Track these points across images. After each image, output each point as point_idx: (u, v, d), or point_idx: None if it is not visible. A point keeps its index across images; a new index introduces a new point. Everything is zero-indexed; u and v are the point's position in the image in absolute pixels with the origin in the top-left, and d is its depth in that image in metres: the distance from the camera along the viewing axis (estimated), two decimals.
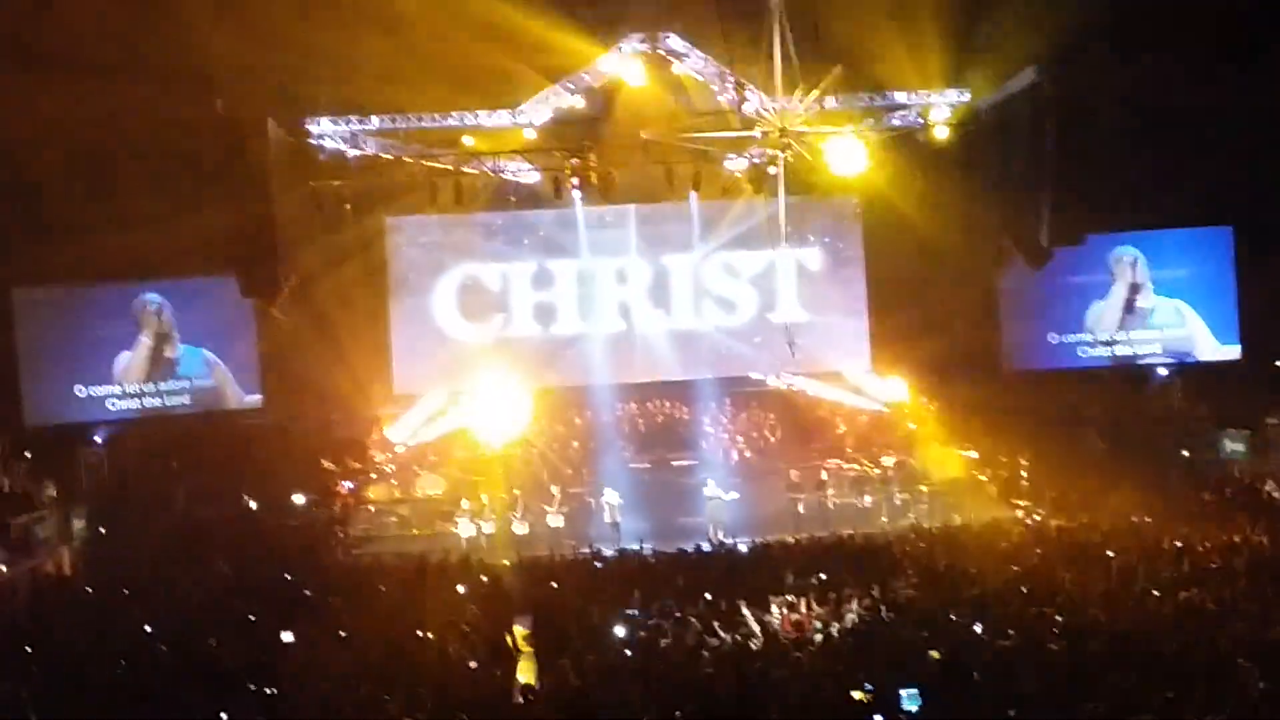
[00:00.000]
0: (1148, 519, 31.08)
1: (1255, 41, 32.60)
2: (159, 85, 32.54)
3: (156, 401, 37.78)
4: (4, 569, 30.43)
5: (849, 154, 28.71)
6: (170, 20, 31.82)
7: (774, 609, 22.87)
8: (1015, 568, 25.48)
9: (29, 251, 34.64)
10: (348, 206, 38.30)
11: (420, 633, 22.21)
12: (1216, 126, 33.84)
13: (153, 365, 37.66)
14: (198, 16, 32.19)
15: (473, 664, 19.93)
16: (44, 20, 31.38)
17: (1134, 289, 39.11)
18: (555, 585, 26.68)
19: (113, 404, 37.56)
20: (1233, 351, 38.81)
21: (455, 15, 33.38)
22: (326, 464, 38.34)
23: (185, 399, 37.93)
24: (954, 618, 20.64)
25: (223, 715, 17.35)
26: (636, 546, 31.95)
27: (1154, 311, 39.16)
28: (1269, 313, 37.38)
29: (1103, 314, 39.30)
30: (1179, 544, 26.96)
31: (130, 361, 37.54)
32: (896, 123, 37.20)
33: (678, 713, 16.51)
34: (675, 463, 39.18)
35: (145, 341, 37.51)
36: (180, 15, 31.95)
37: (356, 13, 33.66)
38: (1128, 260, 39.09)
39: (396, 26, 33.81)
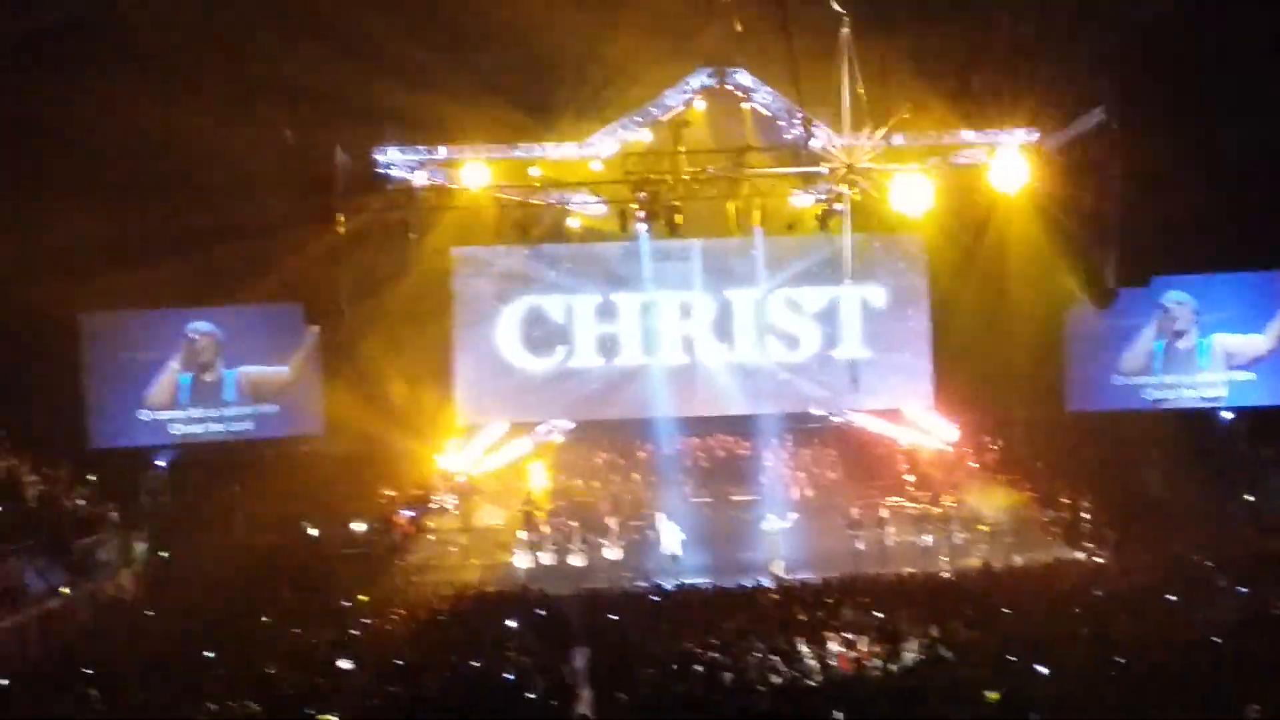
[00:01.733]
0: (1209, 563, 30.88)
1: None
2: (230, 111, 32.86)
3: (220, 427, 37.95)
4: (66, 590, 30.59)
5: (915, 191, 28.75)
6: (242, 46, 32.07)
7: (832, 646, 22.80)
8: (1076, 609, 25.34)
9: (96, 276, 34.89)
10: (413, 235, 38.46)
11: (477, 663, 22.23)
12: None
13: (194, 392, 37.82)
14: (270, 44, 32.38)
15: (530, 695, 19.92)
16: (114, 41, 31.64)
17: (1178, 334, 38.84)
18: (614, 617, 26.66)
19: (176, 429, 37.74)
20: None
21: (524, 47, 33.58)
22: (387, 492, 38.41)
23: (249, 424, 38.07)
24: (1012, 658, 20.54)
25: None
26: (696, 581, 31.95)
27: (1209, 354, 38.88)
28: None
29: (1152, 354, 39.06)
30: (1242, 589, 26.75)
31: (155, 387, 37.77)
32: (963, 161, 37.10)
33: None
34: (735, 498, 39.03)
35: (174, 367, 37.64)
36: (252, 42, 32.18)
37: (426, 43, 33.79)
38: (1175, 306, 38.80)
39: (466, 56, 33.98)
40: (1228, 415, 39.11)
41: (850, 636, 23.36)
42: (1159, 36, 32.59)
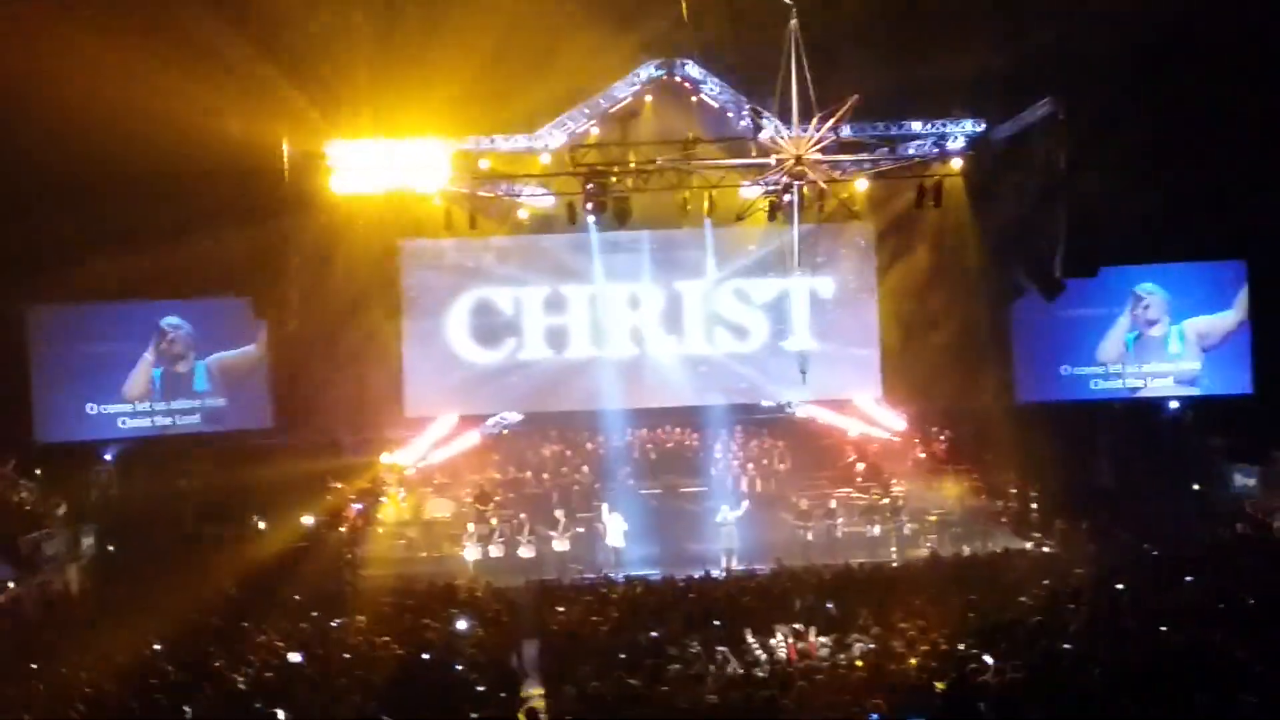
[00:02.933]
0: (1156, 553, 31.03)
1: (1273, 73, 32.55)
2: (175, 104, 32.66)
3: (167, 420, 37.93)
4: (12, 585, 30.46)
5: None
6: (193, 37, 31.93)
7: (781, 637, 22.83)
8: (1024, 599, 25.42)
9: (41, 269, 34.76)
10: (361, 228, 38.34)
11: (426, 655, 22.19)
12: (1232, 159, 33.85)
13: (164, 383, 37.76)
14: (215, 38, 32.26)
15: (480, 687, 19.90)
16: (63, 30, 31.47)
17: (1148, 323, 39.08)
18: (562, 610, 26.67)
19: (123, 422, 37.71)
20: (1244, 385, 38.80)
21: (472, 39, 33.47)
22: (335, 485, 38.32)
23: (196, 418, 38.09)
24: (960, 648, 20.59)
25: None
26: (645, 572, 31.99)
27: (1166, 344, 39.16)
28: None
29: (1109, 345, 39.31)
30: (1189, 578, 26.88)
31: (131, 379, 37.69)
32: (911, 152, 37.16)
33: None
34: (684, 489, 39.07)
35: (148, 359, 37.57)
36: (202, 33, 32.05)
37: (372, 35, 33.72)
38: (1147, 295, 39.06)
39: (412, 50, 33.88)
40: (1175, 405, 39.38)
41: (798, 627, 23.41)
42: (1107, 25, 32.68)
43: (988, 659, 19.49)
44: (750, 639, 22.54)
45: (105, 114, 31.99)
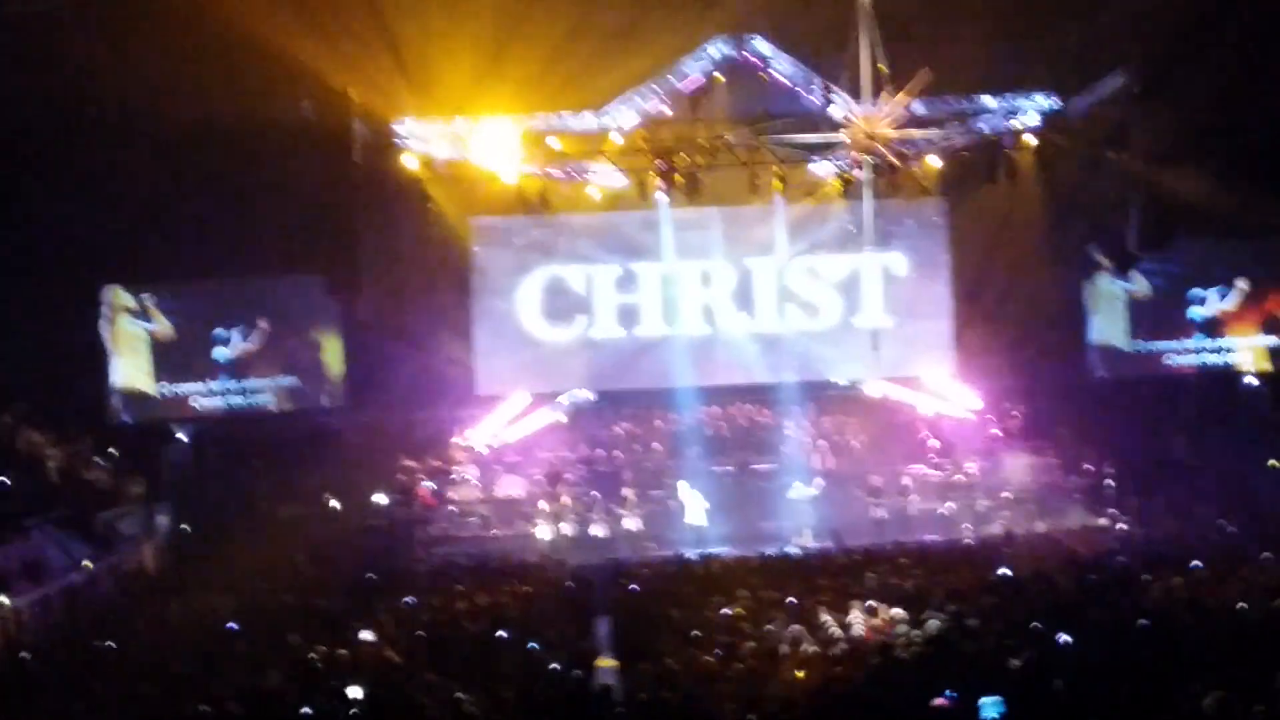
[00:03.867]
0: (1233, 529, 30.81)
1: None
2: (248, 83, 32.82)
3: (241, 399, 38.14)
4: (89, 564, 30.66)
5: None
6: (261, 18, 31.98)
7: (856, 614, 22.75)
8: (1099, 576, 25.28)
9: (118, 249, 34.99)
10: (433, 207, 38.39)
11: (500, 633, 22.22)
12: None
13: (237, 366, 38.16)
14: (288, 16, 32.29)
15: (554, 665, 19.90)
16: (132, 12, 31.63)
17: (1222, 296, 38.85)
18: (635, 588, 26.66)
19: (198, 402, 37.90)
20: None
21: (541, 17, 33.45)
22: (408, 463, 38.39)
23: (269, 396, 38.28)
24: (1036, 625, 20.48)
25: (305, 711, 17.37)
26: (718, 550, 31.97)
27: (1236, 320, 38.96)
28: None
29: (1189, 319, 39.09)
30: (1268, 555, 26.66)
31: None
32: (984, 127, 36.92)
33: (755, 717, 16.42)
34: (756, 467, 38.90)
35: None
36: (271, 14, 32.09)
37: (443, 14, 33.69)
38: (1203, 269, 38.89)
39: (483, 27, 33.86)
40: (1252, 380, 39.03)
41: (874, 605, 23.33)
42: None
43: (1063, 636, 19.40)
44: (826, 616, 22.48)
45: (177, 96, 32.25)
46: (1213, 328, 38.99)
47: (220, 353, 37.96)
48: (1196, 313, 39.07)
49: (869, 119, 25.66)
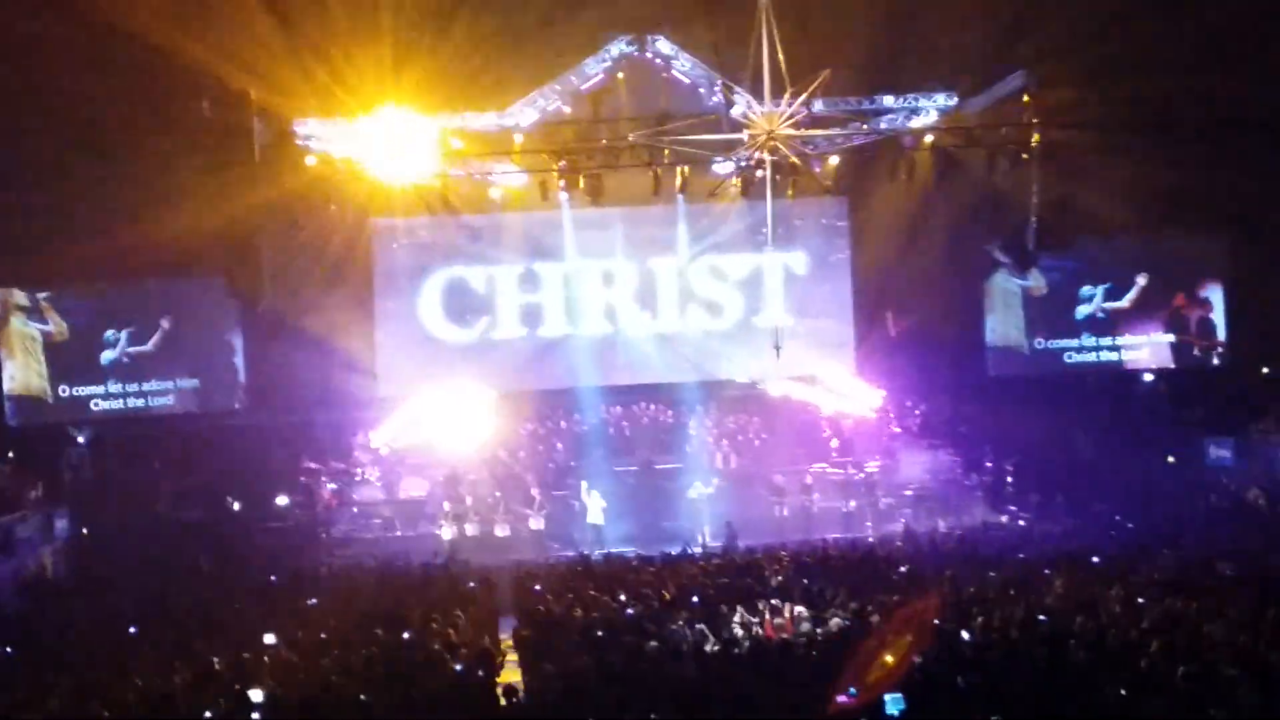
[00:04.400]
0: (1130, 525, 31.16)
1: (1245, 45, 32.61)
2: (146, 81, 32.58)
3: (140, 402, 37.89)
4: None
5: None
6: (163, 15, 31.76)
7: (758, 613, 22.82)
8: (1000, 573, 25.49)
9: (12, 250, 34.67)
10: (333, 207, 38.27)
11: (403, 634, 22.17)
12: (1207, 130, 33.96)
13: (131, 367, 37.89)
14: (188, 13, 32.11)
15: (457, 666, 19.87)
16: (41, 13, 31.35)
17: (1109, 296, 39.31)
18: (539, 588, 26.67)
19: (96, 404, 37.60)
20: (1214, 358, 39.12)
21: (443, 17, 33.37)
22: (310, 465, 38.25)
23: (169, 399, 38.05)
24: (938, 622, 20.61)
25: (206, 715, 17.30)
26: (621, 549, 32.03)
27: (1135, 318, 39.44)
28: (1258, 318, 37.54)
29: (1088, 317, 39.52)
30: (1165, 549, 26.99)
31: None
32: (884, 126, 37.12)
33: (659, 716, 16.45)
34: (659, 466, 38.98)
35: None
36: (172, 11, 31.88)
37: (344, 14, 33.55)
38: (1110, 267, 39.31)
39: (384, 28, 33.76)
40: (1149, 377, 39.47)
41: (776, 603, 23.41)
42: None
43: (964, 634, 19.55)
44: (728, 614, 22.54)
45: (74, 94, 31.98)
46: (1100, 325, 39.39)
47: (107, 356, 37.65)
48: (1083, 311, 39.48)
49: (770, 118, 25.66)
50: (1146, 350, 39.51)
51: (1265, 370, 39.04)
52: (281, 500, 36.56)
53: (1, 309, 37.16)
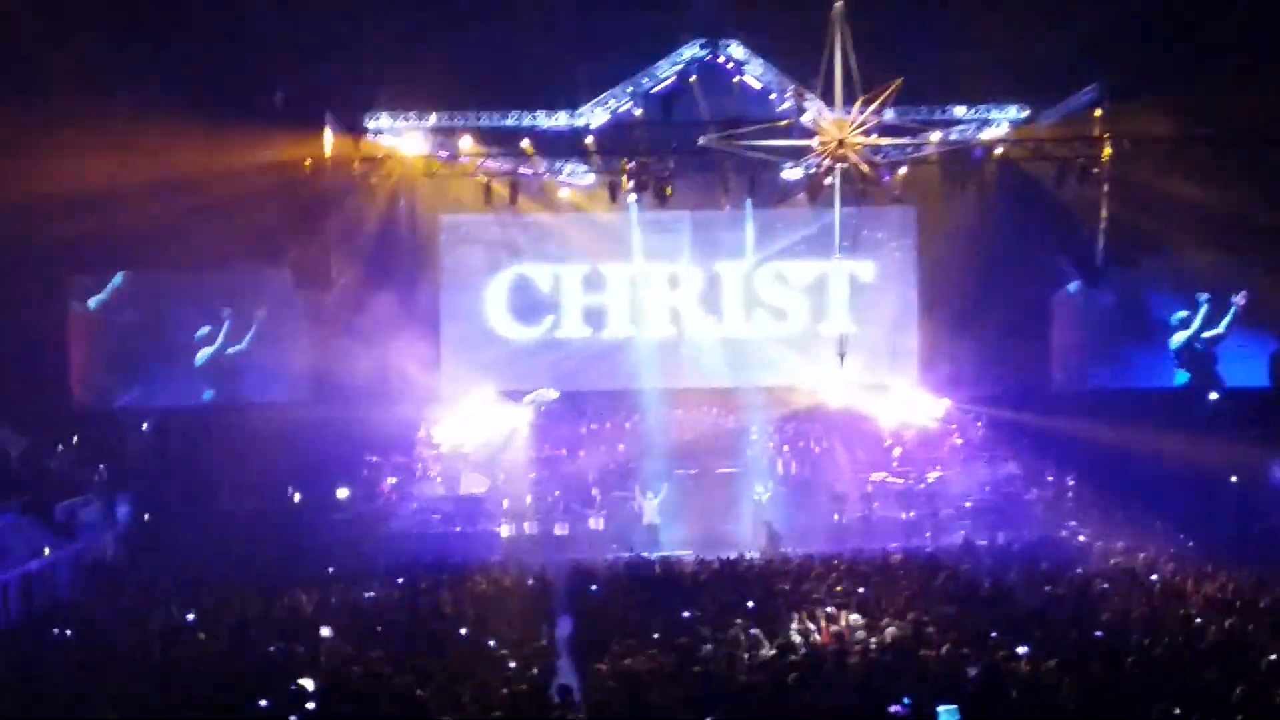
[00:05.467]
0: (1192, 544, 30.99)
1: None
2: (224, 75, 32.78)
3: (207, 392, 38.03)
4: (48, 551, 30.56)
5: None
6: (237, 9, 31.96)
7: (815, 620, 22.81)
8: (1058, 588, 25.38)
9: (85, 239, 34.91)
10: (403, 202, 38.47)
11: (459, 630, 22.25)
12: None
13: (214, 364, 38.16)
14: (262, 6, 32.29)
15: (511, 664, 19.92)
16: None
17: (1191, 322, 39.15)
18: (595, 588, 26.72)
19: (162, 392, 37.81)
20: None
21: (517, 16, 33.47)
22: (372, 458, 38.37)
23: (235, 387, 38.17)
24: (993, 635, 20.55)
25: (261, 703, 17.38)
26: (679, 552, 32.03)
27: (1208, 340, 39.16)
28: None
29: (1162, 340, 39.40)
30: (1223, 571, 26.82)
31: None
32: (955, 137, 37.07)
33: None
34: (720, 470, 38.91)
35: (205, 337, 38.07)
36: (245, 4, 32.07)
37: (420, 11, 33.67)
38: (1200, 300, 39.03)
39: (458, 27, 33.88)
40: (1214, 396, 39.20)
41: (832, 611, 23.38)
42: (1156, 12, 32.59)
43: (1020, 648, 19.48)
44: (784, 621, 22.54)
45: (147, 85, 32.17)
46: (1198, 357, 39.20)
47: (204, 353, 38.05)
48: (1178, 340, 39.27)
49: (841, 125, 25.59)
50: (1212, 370, 39.36)
51: None
52: (342, 493, 36.69)
53: (75, 296, 37.47)
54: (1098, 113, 35.84)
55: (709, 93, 36.75)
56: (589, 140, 37.27)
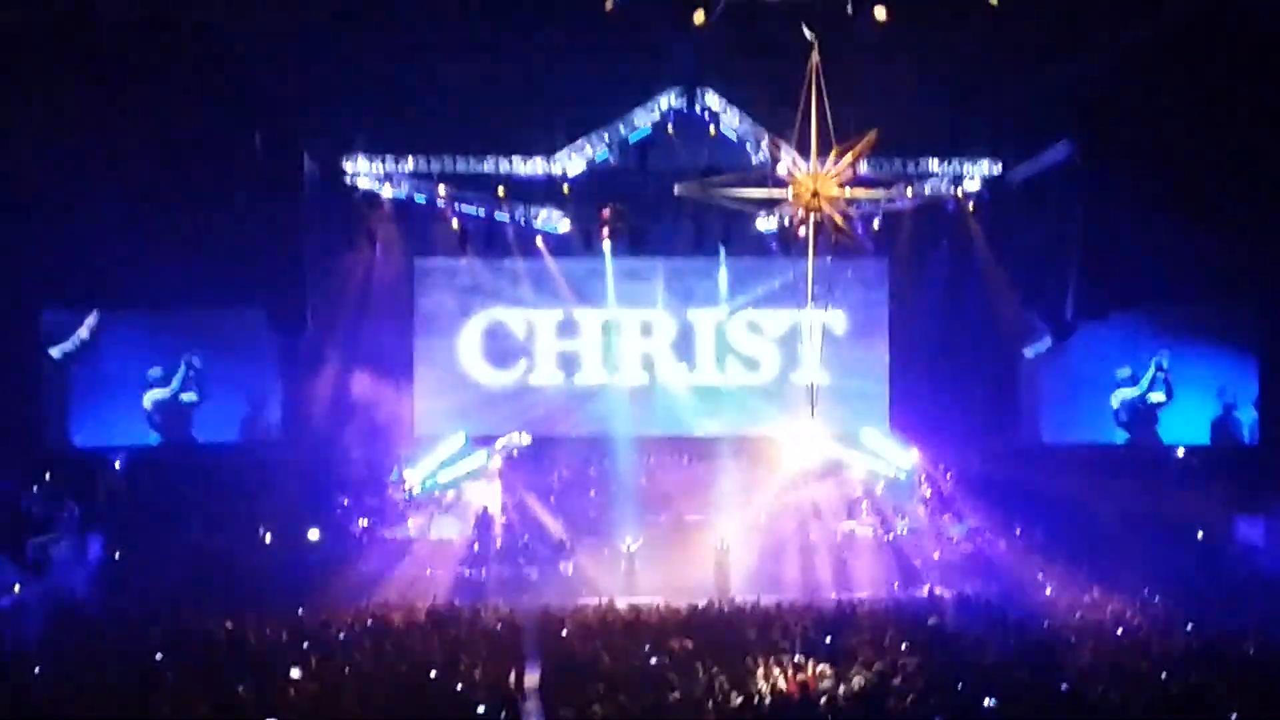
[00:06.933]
0: (1158, 598, 31.15)
1: None
2: (198, 114, 32.87)
3: (177, 431, 38.05)
4: (18, 588, 30.52)
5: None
6: (212, 50, 32.05)
7: (782, 668, 22.89)
8: (1026, 640, 25.51)
9: (59, 273, 34.98)
10: (378, 245, 38.59)
11: (428, 673, 22.29)
12: (1250, 204, 34.09)
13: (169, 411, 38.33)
14: (239, 48, 32.38)
15: (479, 708, 19.97)
16: (79, 40, 31.52)
17: (1155, 382, 39.42)
18: (565, 633, 26.79)
19: (134, 430, 37.81)
20: (1246, 437, 39.17)
21: (495, 62, 33.64)
22: (343, 500, 38.37)
23: (206, 429, 38.22)
24: (961, 685, 20.66)
25: None
26: (649, 599, 32.06)
27: (1175, 399, 39.49)
28: None
29: (1122, 398, 39.64)
30: (1190, 625, 27.01)
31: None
32: (928, 190, 37.35)
33: None
34: (690, 518, 38.99)
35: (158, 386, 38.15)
36: (222, 46, 32.14)
37: (397, 54, 33.81)
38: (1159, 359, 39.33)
39: (436, 70, 34.06)
40: (1180, 453, 39.42)
41: (800, 660, 23.48)
42: (1128, 71, 32.85)
43: (987, 699, 19.59)
44: (751, 669, 22.63)
45: (124, 117, 32.24)
46: (1142, 416, 39.51)
47: (156, 395, 38.11)
48: (1124, 396, 39.61)
49: (815, 177, 25.74)
50: (1179, 427, 39.68)
51: None
52: (313, 534, 36.68)
53: (47, 332, 37.54)
54: (1069, 169, 36.08)
55: (685, 142, 36.99)
56: (565, 187, 37.48)
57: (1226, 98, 32.48)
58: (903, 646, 24.58)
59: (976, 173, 37.40)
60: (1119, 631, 26.61)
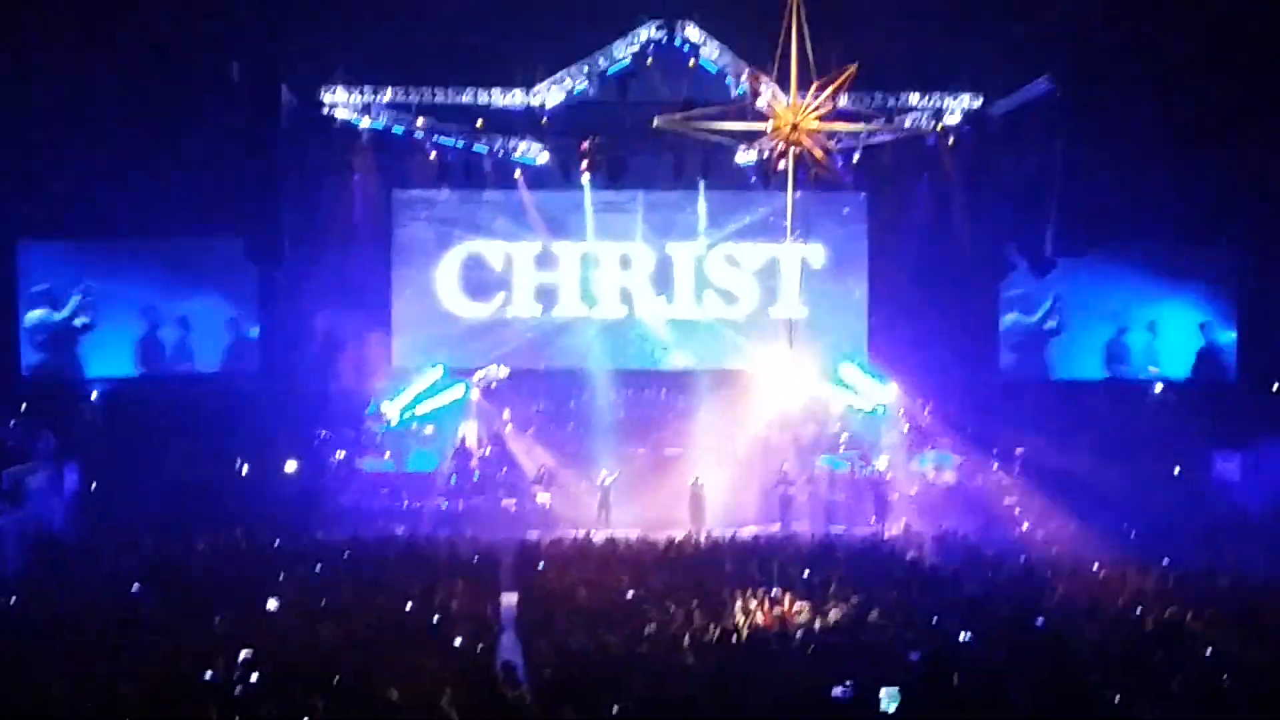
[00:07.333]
0: (1135, 534, 31.23)
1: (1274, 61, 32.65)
2: (176, 42, 32.67)
3: (158, 361, 38.04)
4: None
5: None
6: None
7: (759, 602, 22.93)
8: (1001, 575, 25.60)
9: (35, 203, 34.81)
10: (356, 177, 38.41)
11: (404, 604, 22.31)
12: (1229, 143, 34.04)
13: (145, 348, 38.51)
14: None
15: (457, 640, 19.99)
16: None
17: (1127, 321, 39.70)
18: (542, 565, 26.81)
19: (109, 360, 37.77)
20: (1229, 373, 39.25)
21: None
22: (321, 432, 38.29)
23: (185, 361, 38.15)
24: (937, 620, 20.71)
25: (206, 674, 17.44)
26: (625, 532, 32.07)
27: (1153, 335, 39.62)
28: (1272, 333, 37.61)
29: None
30: (1165, 560, 27.10)
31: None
32: (908, 124, 37.23)
33: (654, 698, 16.53)
34: (668, 451, 38.97)
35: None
36: None
37: None
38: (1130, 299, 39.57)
39: (415, 1, 33.90)
40: (1158, 388, 39.50)
41: (776, 593, 23.52)
42: (1110, 5, 32.78)
43: (963, 633, 19.65)
44: (728, 602, 22.67)
45: (100, 51, 32.02)
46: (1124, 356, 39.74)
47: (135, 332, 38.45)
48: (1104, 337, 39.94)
49: (795, 110, 25.65)
50: (1156, 362, 39.82)
51: (1277, 386, 38.92)
52: (290, 465, 36.62)
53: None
54: (1050, 104, 35.98)
55: (665, 74, 36.83)
56: (544, 119, 37.33)
57: (1209, 34, 32.41)
58: (879, 581, 24.64)
59: (957, 107, 37.25)
60: (1095, 567, 26.66)
